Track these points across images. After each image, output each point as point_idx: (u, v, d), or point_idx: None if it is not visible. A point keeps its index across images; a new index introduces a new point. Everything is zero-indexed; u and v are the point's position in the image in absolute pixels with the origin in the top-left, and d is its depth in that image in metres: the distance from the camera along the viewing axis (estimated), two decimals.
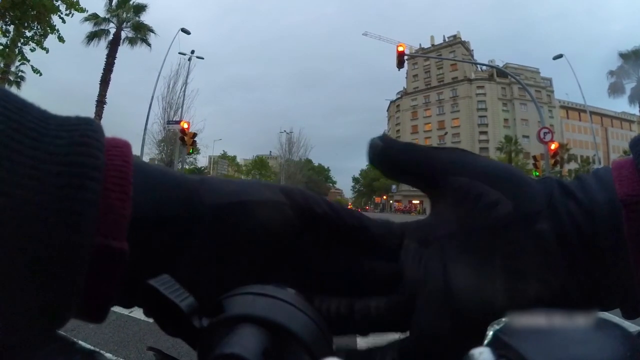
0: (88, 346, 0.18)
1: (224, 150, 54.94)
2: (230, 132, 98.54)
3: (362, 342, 0.21)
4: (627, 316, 0.20)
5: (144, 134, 14.79)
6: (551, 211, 0.19)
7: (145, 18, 18.52)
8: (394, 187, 49.96)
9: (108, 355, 0.19)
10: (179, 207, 0.19)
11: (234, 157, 54.80)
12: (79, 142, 0.16)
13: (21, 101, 0.16)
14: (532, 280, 0.19)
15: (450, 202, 0.21)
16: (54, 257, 0.15)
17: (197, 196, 0.20)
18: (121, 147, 0.18)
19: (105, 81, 16.51)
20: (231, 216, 0.20)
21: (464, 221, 0.20)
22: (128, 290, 0.18)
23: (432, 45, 62.85)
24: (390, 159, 0.23)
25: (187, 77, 19.84)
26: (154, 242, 0.18)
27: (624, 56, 23.04)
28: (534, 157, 12.54)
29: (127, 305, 0.19)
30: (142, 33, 17.65)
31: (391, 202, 59.12)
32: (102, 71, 16.66)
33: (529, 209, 0.19)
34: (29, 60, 7.74)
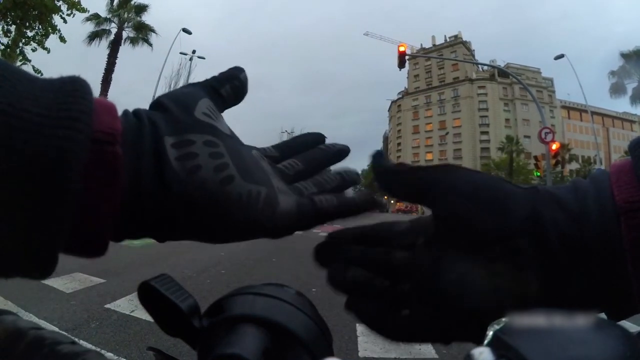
0: (89, 346, 0.18)
1: None
2: None
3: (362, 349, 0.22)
4: (613, 317, 0.19)
5: None
6: (532, 223, 0.19)
7: (147, 18, 18.50)
8: None
9: (109, 354, 0.20)
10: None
11: None
12: (68, 80, 0.18)
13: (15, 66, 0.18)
14: (505, 292, 0.19)
15: (436, 217, 0.22)
16: (50, 156, 0.15)
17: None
18: (106, 102, 0.19)
19: (106, 81, 16.52)
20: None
21: (449, 237, 0.21)
22: (121, 219, 0.18)
23: (434, 45, 62.79)
24: (383, 184, 0.24)
25: (188, 77, 19.87)
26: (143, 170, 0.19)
27: (625, 56, 22.98)
28: (535, 158, 12.48)
29: (117, 239, 0.20)
30: (143, 33, 17.65)
31: (392, 201, 59.04)
32: (103, 71, 16.69)
33: (508, 227, 0.19)
34: (30, 61, 7.74)
